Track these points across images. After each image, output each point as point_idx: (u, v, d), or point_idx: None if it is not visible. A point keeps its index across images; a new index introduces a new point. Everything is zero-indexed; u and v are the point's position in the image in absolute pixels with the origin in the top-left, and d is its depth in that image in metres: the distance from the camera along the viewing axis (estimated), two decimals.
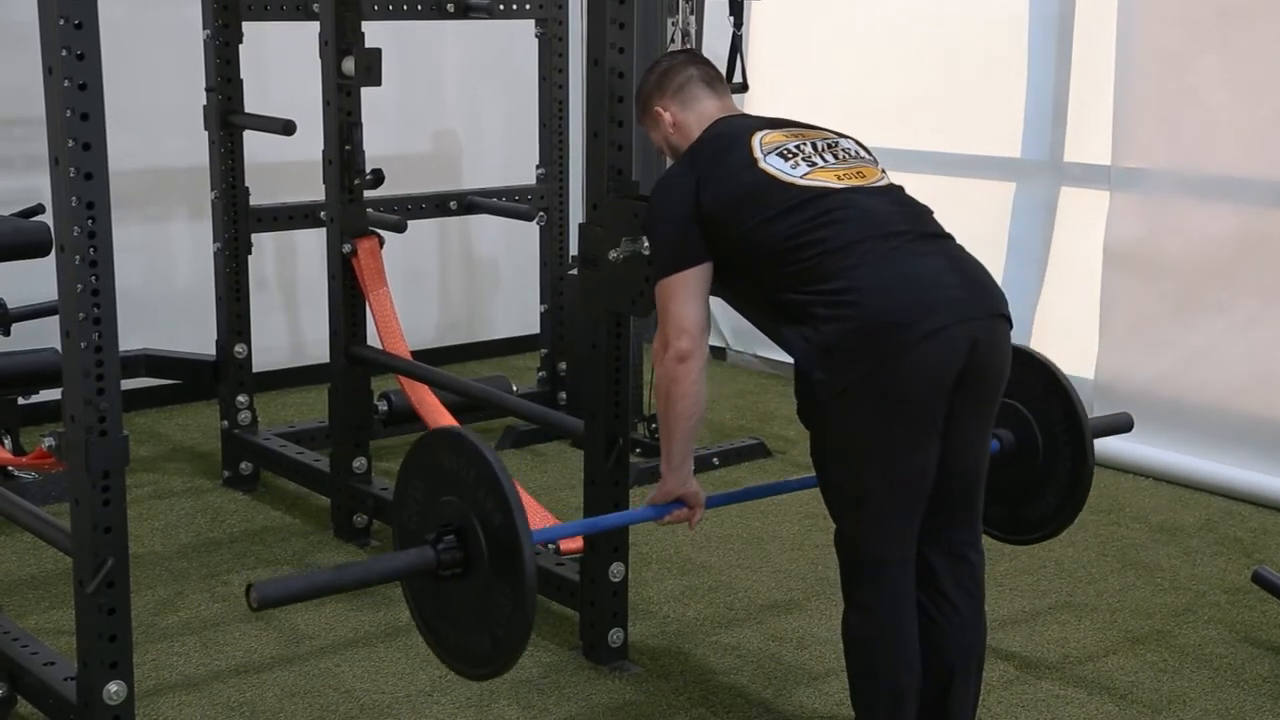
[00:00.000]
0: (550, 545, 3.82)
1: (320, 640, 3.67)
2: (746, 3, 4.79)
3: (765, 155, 2.87)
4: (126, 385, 2.85)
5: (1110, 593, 4.04)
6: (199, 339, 5.03)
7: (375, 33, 4.20)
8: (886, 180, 2.93)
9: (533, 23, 5.24)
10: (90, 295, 2.59)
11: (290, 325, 5.98)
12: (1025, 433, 3.22)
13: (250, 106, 4.66)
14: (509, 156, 6.01)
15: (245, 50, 4.57)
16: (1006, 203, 5.57)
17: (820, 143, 2.94)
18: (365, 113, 4.21)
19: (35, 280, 4.30)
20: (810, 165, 2.86)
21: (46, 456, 2.77)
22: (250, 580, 3.98)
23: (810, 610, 3.90)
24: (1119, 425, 3.61)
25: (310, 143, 4.34)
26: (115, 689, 2.77)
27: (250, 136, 4.68)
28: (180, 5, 5.06)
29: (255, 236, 4.75)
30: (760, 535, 4.38)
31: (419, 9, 4.76)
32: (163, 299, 5.57)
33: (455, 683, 3.44)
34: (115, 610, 2.74)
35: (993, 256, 4.62)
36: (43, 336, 4.32)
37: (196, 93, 4.65)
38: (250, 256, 4.73)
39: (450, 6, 4.80)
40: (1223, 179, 4.85)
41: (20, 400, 4.52)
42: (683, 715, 3.35)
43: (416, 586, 2.73)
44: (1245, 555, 4.31)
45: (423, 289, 6.29)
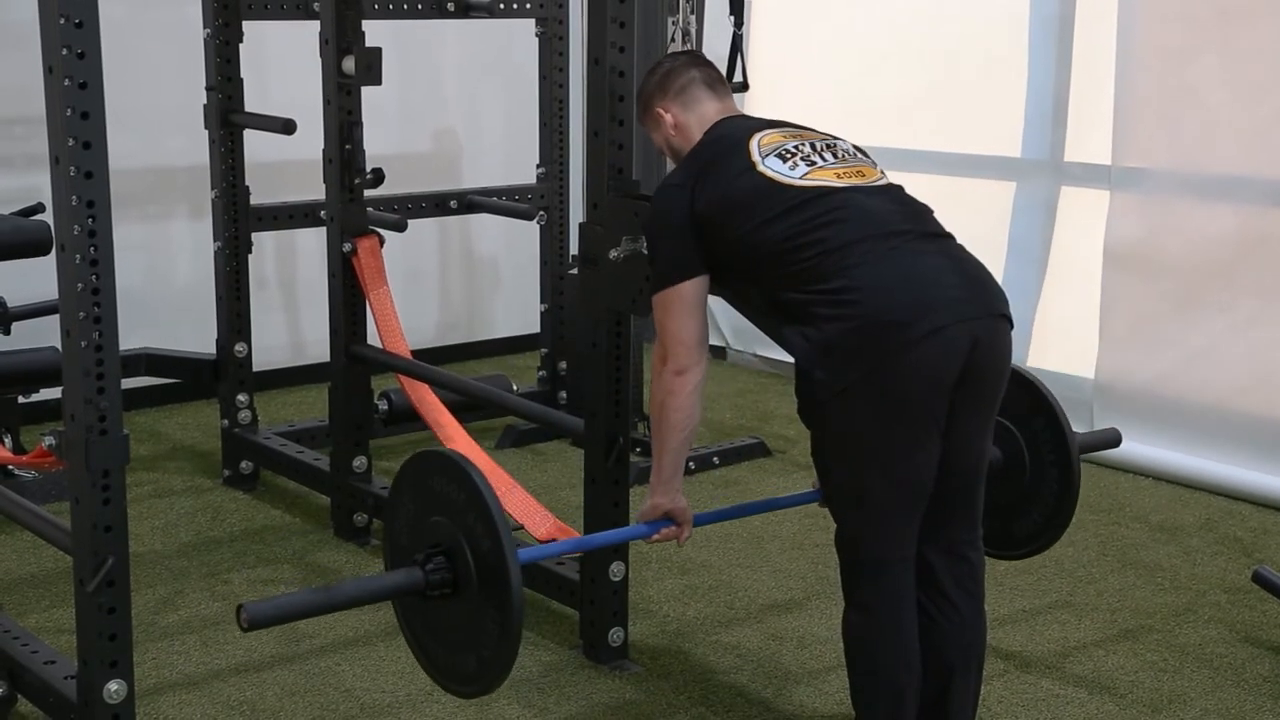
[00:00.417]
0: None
1: (320, 639, 3.67)
2: (747, 2, 4.78)
3: (764, 158, 2.87)
4: (127, 384, 2.84)
5: (1110, 592, 4.04)
6: (199, 338, 5.03)
7: (375, 31, 4.20)
8: (886, 180, 2.93)
9: (533, 22, 5.24)
10: (90, 294, 2.59)
11: (290, 324, 5.98)
12: (1013, 450, 3.21)
13: (250, 105, 4.66)
14: (509, 155, 6.01)
15: (245, 49, 4.57)
16: (1007, 202, 5.56)
17: (819, 143, 2.94)
18: (365, 112, 4.21)
19: (35, 279, 4.30)
20: (809, 165, 2.86)
21: (47, 455, 2.77)
22: (250, 578, 4.03)
23: (810, 609, 3.90)
24: (1107, 441, 3.62)
25: (310, 142, 4.34)
26: (115, 688, 2.76)
27: (250, 135, 4.68)
28: (180, 4, 5.06)
29: (255, 235, 4.75)
30: (760, 534, 4.38)
31: (419, 8, 4.75)
32: (163, 298, 5.57)
33: None
34: (115, 609, 2.74)
35: (993, 256, 4.61)
36: (43, 335, 4.32)
37: (197, 92, 4.65)
38: (250, 255, 4.74)
39: (450, 5, 4.79)
40: (1223, 178, 4.85)
41: (20, 399, 4.52)
42: (683, 714, 3.35)
43: (406, 604, 2.76)
44: (1245, 555, 4.31)
45: (423, 288, 6.29)
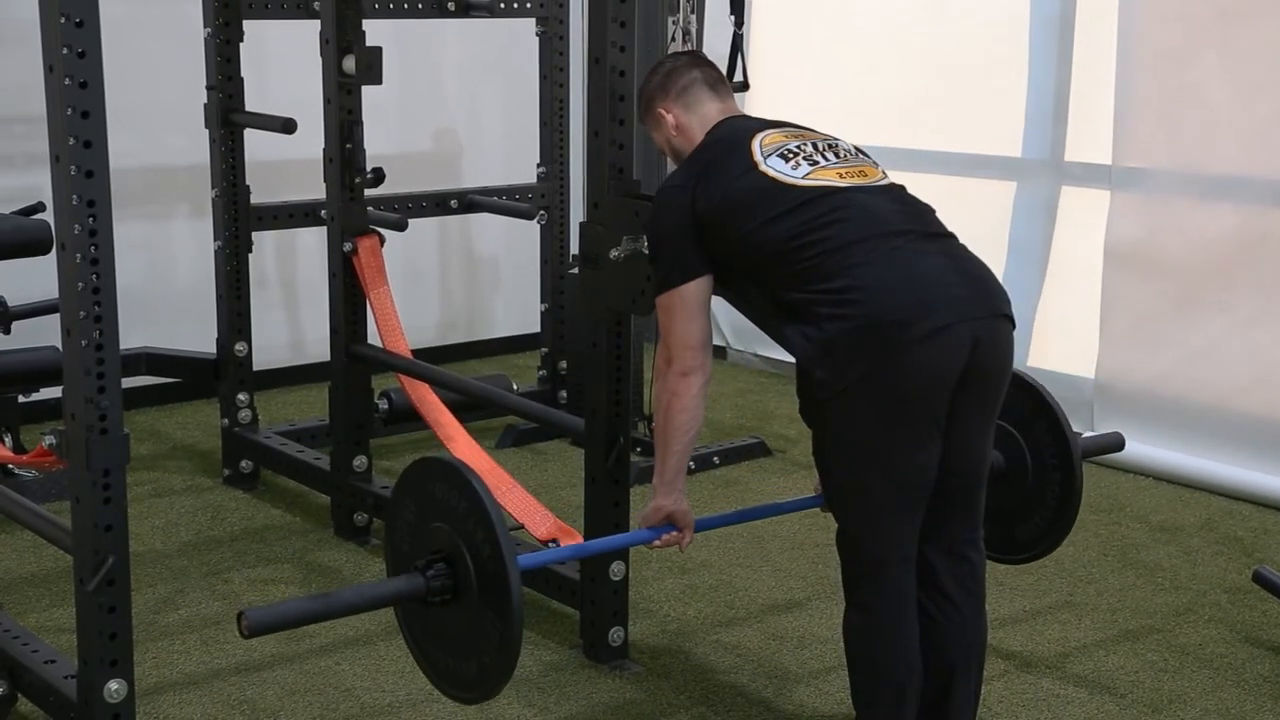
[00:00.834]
0: (551, 543, 3.81)
1: (321, 639, 3.66)
2: (747, 1, 4.78)
3: (765, 158, 2.86)
4: (127, 383, 2.84)
5: (1111, 592, 4.04)
6: (200, 337, 5.03)
7: (376, 31, 4.20)
8: (888, 179, 2.93)
9: (534, 21, 5.23)
10: (91, 293, 2.59)
11: (291, 323, 5.98)
12: (1015, 454, 3.21)
13: (251, 105, 4.65)
14: (510, 155, 6.01)
15: (246, 48, 4.57)
16: (1007, 202, 5.56)
17: (821, 143, 2.94)
18: (366, 111, 4.21)
19: (36, 278, 4.30)
20: (812, 165, 2.86)
21: (47, 454, 2.77)
22: (250, 578, 4.03)
23: (811, 609, 3.90)
24: (1109, 445, 3.61)
25: (311, 141, 4.34)
26: (116, 687, 2.77)
27: (251, 135, 4.68)
28: (181, 3, 5.05)
29: (256, 235, 4.75)
30: (761, 534, 4.38)
31: (420, 7, 4.75)
32: (163, 297, 5.57)
33: None
34: (116, 608, 2.74)
35: (994, 256, 4.58)
36: (43, 334, 4.31)
37: (197, 91, 4.65)
38: (251, 255, 4.74)
39: (451, 5, 4.79)
40: (1223, 178, 4.85)
41: (21, 398, 4.52)
42: (683, 714, 3.35)
43: (407, 610, 2.77)
44: (1246, 555, 4.31)
45: (423, 287, 6.29)
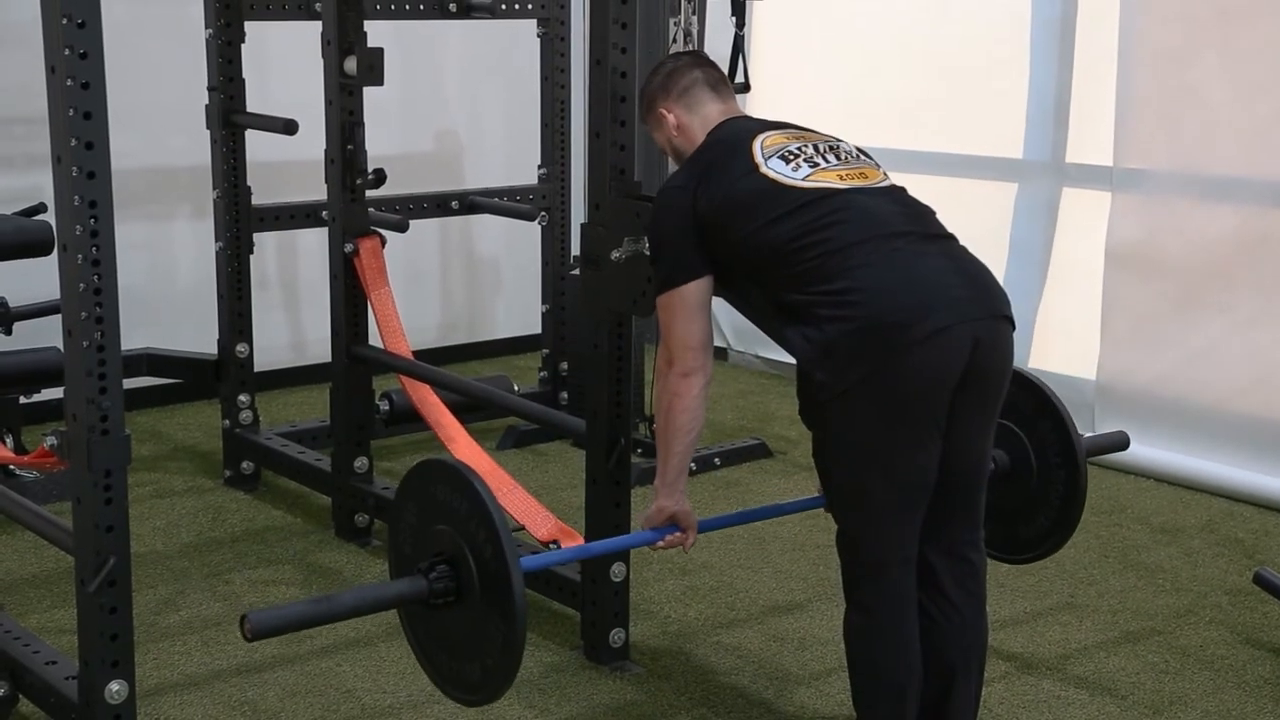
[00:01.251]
0: (552, 545, 3.82)
1: (322, 640, 3.66)
2: (749, 3, 4.78)
3: (766, 159, 2.87)
4: (128, 384, 2.84)
5: (1111, 594, 4.04)
6: (201, 338, 5.03)
7: (377, 32, 4.20)
8: (889, 181, 2.93)
9: (535, 22, 5.24)
10: (92, 294, 2.59)
11: (292, 324, 5.98)
12: (1019, 454, 3.21)
13: (252, 106, 4.66)
14: (511, 156, 6.01)
15: (247, 49, 4.58)
16: (1008, 203, 5.56)
17: (822, 144, 2.94)
18: (367, 112, 4.21)
19: (37, 279, 4.29)
20: (812, 166, 2.86)
21: (48, 455, 2.77)
22: (251, 579, 4.03)
23: (811, 611, 3.90)
24: (1114, 444, 3.61)
25: (312, 142, 4.34)
26: (117, 688, 2.77)
27: (252, 136, 4.68)
28: (183, 4, 5.05)
29: (257, 236, 4.75)
30: (761, 535, 4.38)
31: (421, 8, 4.75)
32: (165, 298, 5.57)
33: None
34: (117, 609, 2.74)
35: (994, 257, 4.60)
36: (45, 335, 4.31)
37: (199, 92, 4.66)
38: (252, 256, 4.74)
39: (452, 6, 4.79)
40: (1223, 179, 4.85)
41: (22, 399, 4.52)
42: (684, 715, 3.35)
43: (410, 612, 2.76)
44: (1246, 556, 4.31)
45: (424, 289, 6.29)
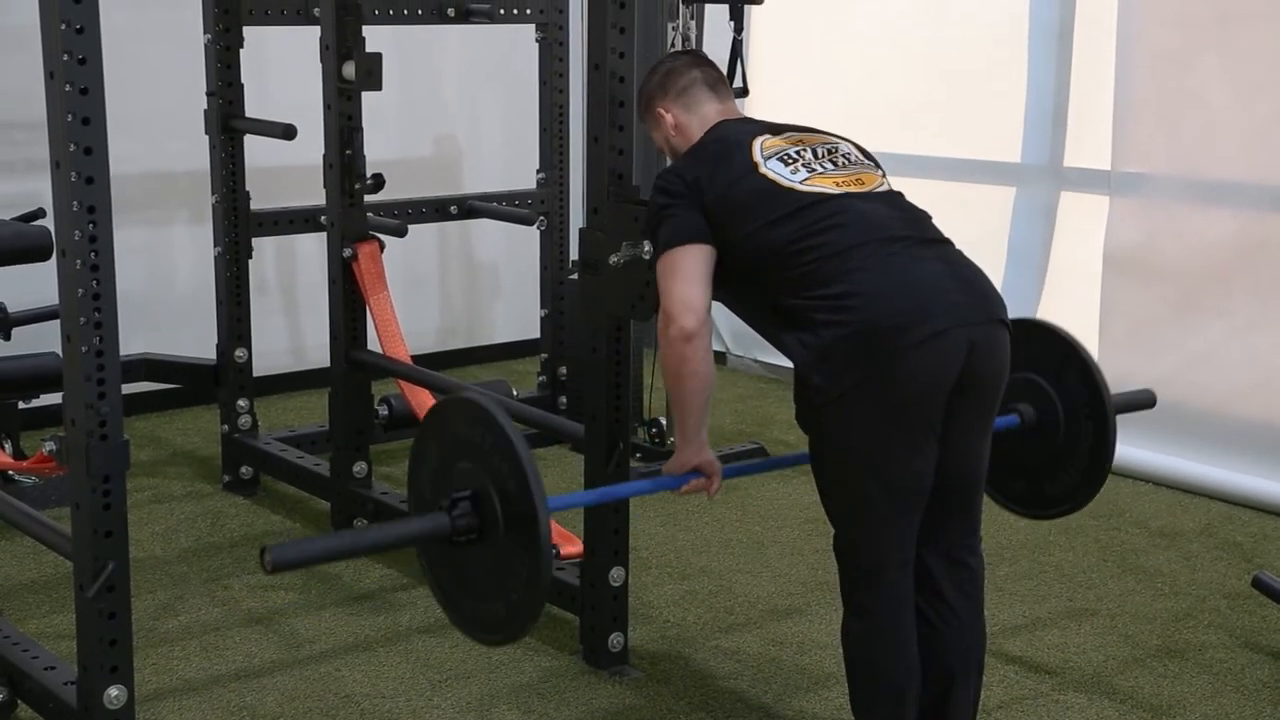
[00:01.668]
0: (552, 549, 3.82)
1: (320, 644, 3.66)
2: (747, 7, 4.78)
3: (766, 160, 2.87)
4: (127, 389, 2.84)
5: (1110, 598, 4.04)
6: (199, 343, 5.03)
7: (376, 37, 4.21)
8: (886, 185, 2.93)
9: (533, 27, 5.23)
10: (91, 299, 2.60)
11: (291, 329, 5.98)
12: (1045, 407, 3.15)
13: (251, 111, 4.66)
14: (509, 161, 6.01)
15: (246, 54, 4.58)
16: (1007, 207, 5.57)
17: (820, 148, 2.94)
18: (366, 117, 4.22)
19: (36, 284, 4.30)
20: (810, 171, 2.86)
21: (47, 460, 2.77)
22: (251, 584, 4.03)
23: (810, 615, 3.90)
24: (1141, 402, 3.48)
25: (311, 147, 4.35)
26: (116, 693, 2.77)
27: (251, 141, 4.68)
28: (181, 9, 5.06)
29: (256, 240, 4.75)
30: (760, 539, 4.38)
31: (419, 13, 4.75)
32: (163, 303, 5.57)
33: (455, 687, 3.44)
34: (116, 614, 2.74)
35: (993, 261, 4.62)
36: (44, 341, 4.32)
37: (197, 97, 4.66)
38: (251, 260, 4.74)
39: (451, 11, 4.79)
40: (1222, 183, 4.85)
41: (21, 404, 4.52)
42: None
43: (431, 553, 2.69)
44: (1245, 560, 4.31)
45: (423, 293, 6.29)
